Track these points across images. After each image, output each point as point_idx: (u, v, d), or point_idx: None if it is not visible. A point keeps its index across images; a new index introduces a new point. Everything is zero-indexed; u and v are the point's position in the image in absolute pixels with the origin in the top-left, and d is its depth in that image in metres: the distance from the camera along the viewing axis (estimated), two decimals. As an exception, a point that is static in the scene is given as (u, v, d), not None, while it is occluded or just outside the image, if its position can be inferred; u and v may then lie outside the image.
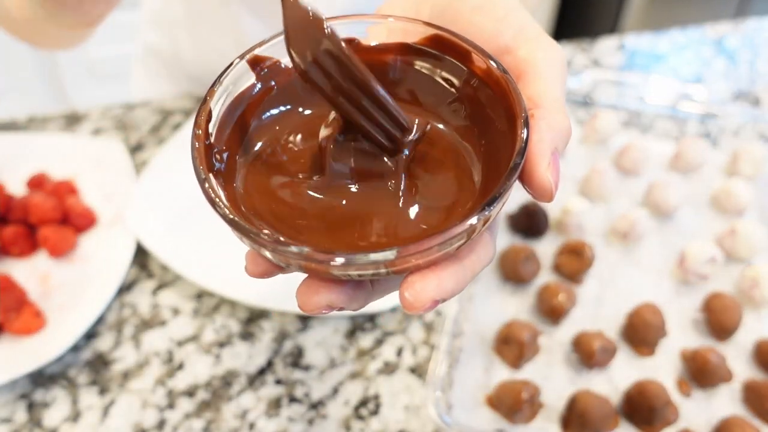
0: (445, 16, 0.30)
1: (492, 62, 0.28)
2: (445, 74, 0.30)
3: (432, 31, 0.29)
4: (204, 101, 0.27)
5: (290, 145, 0.29)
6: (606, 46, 0.96)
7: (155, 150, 0.78)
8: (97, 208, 0.70)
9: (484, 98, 0.29)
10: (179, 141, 0.75)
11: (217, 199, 0.25)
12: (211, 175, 0.26)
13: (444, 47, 0.29)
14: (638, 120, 0.81)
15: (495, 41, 0.29)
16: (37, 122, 0.82)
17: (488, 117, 0.28)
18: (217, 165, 0.27)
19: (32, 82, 1.79)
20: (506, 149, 0.26)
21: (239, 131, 0.29)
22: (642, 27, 1.67)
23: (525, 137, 0.25)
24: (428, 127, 0.28)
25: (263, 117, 0.30)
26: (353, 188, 0.27)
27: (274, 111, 0.30)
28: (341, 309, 0.26)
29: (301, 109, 0.31)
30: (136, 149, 0.78)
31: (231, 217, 0.24)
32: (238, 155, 0.28)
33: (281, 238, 0.25)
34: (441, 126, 0.30)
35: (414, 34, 0.30)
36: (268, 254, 0.25)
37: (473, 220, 0.23)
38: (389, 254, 0.22)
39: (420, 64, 0.30)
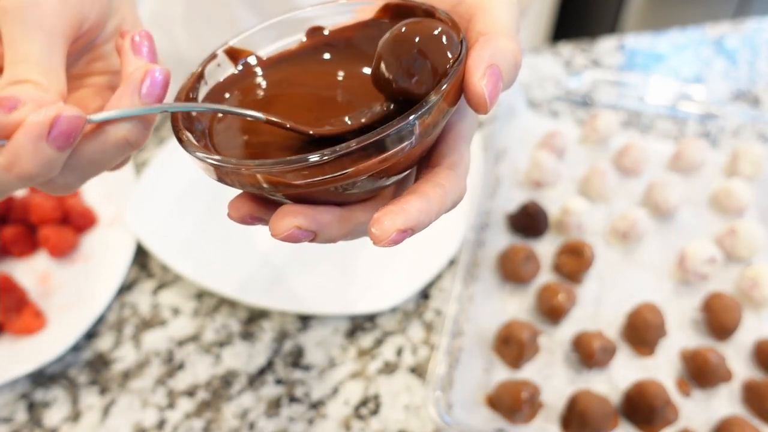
0: None
1: (433, 9, 0.31)
2: None
3: (382, 3, 0.33)
4: (195, 70, 0.31)
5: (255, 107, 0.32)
6: (606, 46, 0.96)
7: (155, 150, 0.78)
8: (97, 208, 0.70)
9: None
10: (179, 141, 0.75)
11: (187, 139, 0.27)
12: (186, 130, 0.28)
13: (395, 13, 0.33)
14: (638, 120, 0.81)
15: None
16: (37, 122, 0.82)
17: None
18: (196, 124, 0.30)
19: (32, 82, 1.78)
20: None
21: (219, 99, 0.32)
22: (642, 27, 1.67)
23: (459, 52, 0.27)
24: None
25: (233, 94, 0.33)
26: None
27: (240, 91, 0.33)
28: (314, 238, 0.27)
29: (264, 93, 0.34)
30: (136, 149, 0.78)
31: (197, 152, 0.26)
32: (213, 121, 0.31)
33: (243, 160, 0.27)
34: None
35: (373, 9, 0.34)
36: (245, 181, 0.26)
37: (406, 118, 0.25)
38: (328, 153, 0.24)
39: (375, 33, 0.33)
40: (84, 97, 0.33)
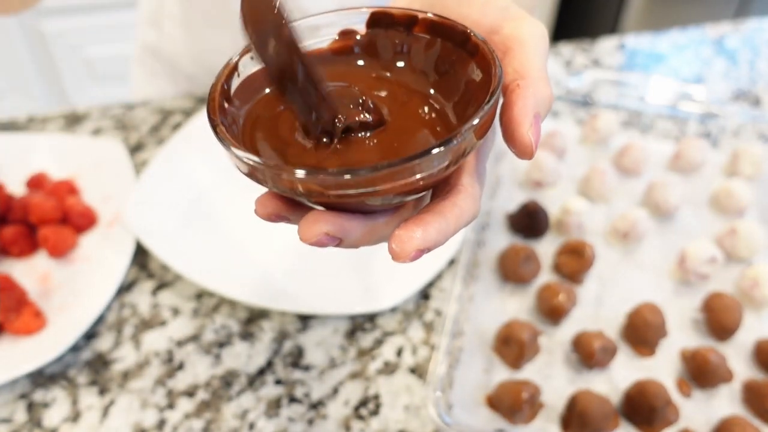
0: (434, 8, 0.34)
1: (470, 32, 0.31)
2: (431, 50, 0.34)
3: (421, 16, 0.33)
4: (230, 61, 0.32)
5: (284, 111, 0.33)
6: (606, 46, 0.96)
7: (155, 150, 0.78)
8: (97, 208, 0.70)
9: (466, 65, 0.32)
10: (179, 141, 0.75)
11: (224, 135, 0.28)
12: (221, 122, 0.29)
13: (430, 29, 0.34)
14: (638, 120, 0.81)
15: (481, 25, 0.32)
16: (37, 122, 0.82)
17: (472, 82, 0.31)
18: (228, 117, 0.30)
19: (32, 82, 1.79)
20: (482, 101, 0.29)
21: (251, 91, 0.32)
22: (642, 27, 1.67)
23: (497, 85, 0.28)
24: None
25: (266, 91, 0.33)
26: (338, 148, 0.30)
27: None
28: (339, 243, 0.28)
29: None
30: (136, 149, 0.78)
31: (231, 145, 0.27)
32: (245, 113, 0.32)
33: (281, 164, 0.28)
34: (427, 93, 0.33)
35: None
36: (273, 181, 0.27)
37: (445, 143, 0.26)
38: (366, 171, 0.25)
39: (409, 44, 0.34)
40: None
